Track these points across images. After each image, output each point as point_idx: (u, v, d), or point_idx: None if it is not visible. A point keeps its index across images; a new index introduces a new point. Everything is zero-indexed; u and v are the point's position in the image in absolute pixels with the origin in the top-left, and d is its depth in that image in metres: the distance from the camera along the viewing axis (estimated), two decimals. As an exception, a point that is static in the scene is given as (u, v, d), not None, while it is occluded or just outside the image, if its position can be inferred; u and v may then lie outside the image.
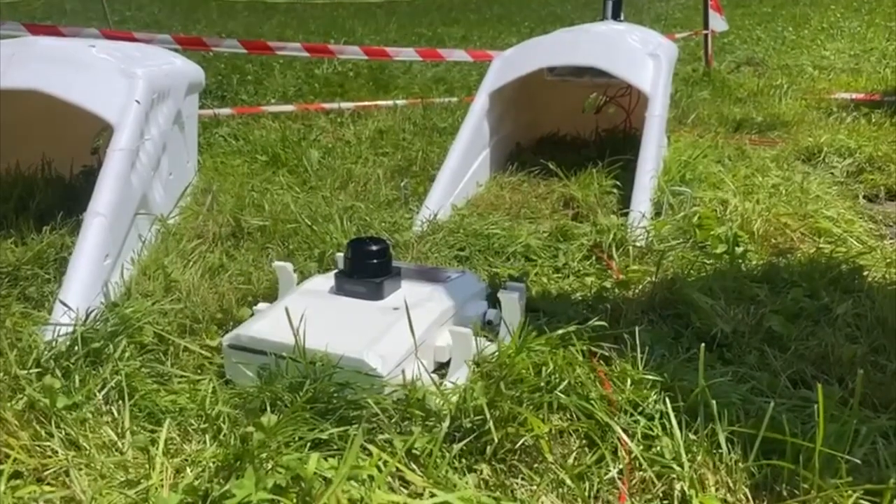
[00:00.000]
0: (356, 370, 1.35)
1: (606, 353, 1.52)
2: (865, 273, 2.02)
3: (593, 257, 2.21)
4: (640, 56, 3.13)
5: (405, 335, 1.45)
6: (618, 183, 2.86)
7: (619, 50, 3.19)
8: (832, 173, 3.26)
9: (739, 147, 3.54)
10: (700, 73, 6.00)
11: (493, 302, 1.73)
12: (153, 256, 2.06)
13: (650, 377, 1.40)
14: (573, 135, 3.77)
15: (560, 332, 1.51)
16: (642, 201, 2.46)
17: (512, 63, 3.23)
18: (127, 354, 1.45)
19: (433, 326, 1.56)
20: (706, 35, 6.02)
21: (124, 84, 2.35)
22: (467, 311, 1.68)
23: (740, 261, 2.06)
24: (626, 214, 2.47)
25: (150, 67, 2.60)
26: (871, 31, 10.20)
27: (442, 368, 1.55)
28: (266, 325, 1.51)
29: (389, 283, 1.66)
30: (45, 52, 2.44)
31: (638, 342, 1.50)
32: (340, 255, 1.76)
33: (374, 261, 1.66)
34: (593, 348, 1.53)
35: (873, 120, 4.22)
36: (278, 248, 2.14)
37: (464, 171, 2.97)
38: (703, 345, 1.33)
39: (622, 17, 4.28)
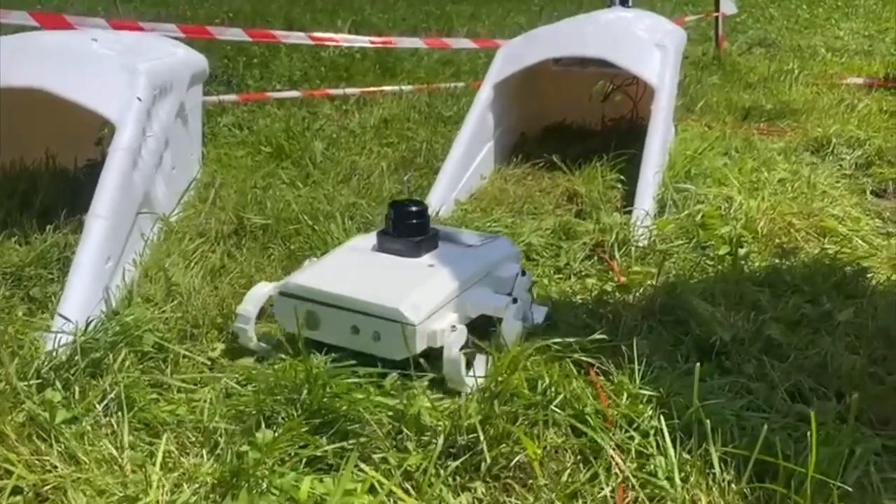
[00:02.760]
0: (391, 318, 1.51)
1: (604, 366, 1.52)
2: (869, 275, 2.01)
3: (595, 257, 2.20)
4: (646, 47, 3.09)
5: (438, 289, 1.60)
6: (622, 178, 2.84)
7: (625, 40, 3.16)
8: (840, 165, 3.23)
9: (747, 138, 3.50)
10: (710, 57, 5.93)
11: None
12: (155, 257, 2.07)
13: (646, 392, 1.41)
14: (579, 124, 3.74)
15: (558, 342, 1.52)
16: (646, 199, 2.45)
17: (517, 53, 3.20)
18: (127, 364, 1.47)
19: (465, 284, 1.68)
20: (717, 17, 5.94)
21: (125, 80, 2.34)
22: (499, 272, 1.78)
23: (743, 262, 2.05)
24: (630, 211, 2.45)
25: (153, 61, 2.59)
26: (887, 9, 10.04)
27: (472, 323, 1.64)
28: (312, 276, 1.66)
29: (426, 243, 1.78)
30: (46, 47, 2.44)
31: (635, 354, 1.50)
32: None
33: (413, 221, 1.78)
34: (590, 360, 1.53)
35: (885, 108, 4.18)
36: (280, 247, 2.14)
37: (467, 164, 2.95)
38: (698, 364, 1.33)
39: (630, 3, 4.23)
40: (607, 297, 1.92)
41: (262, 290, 1.68)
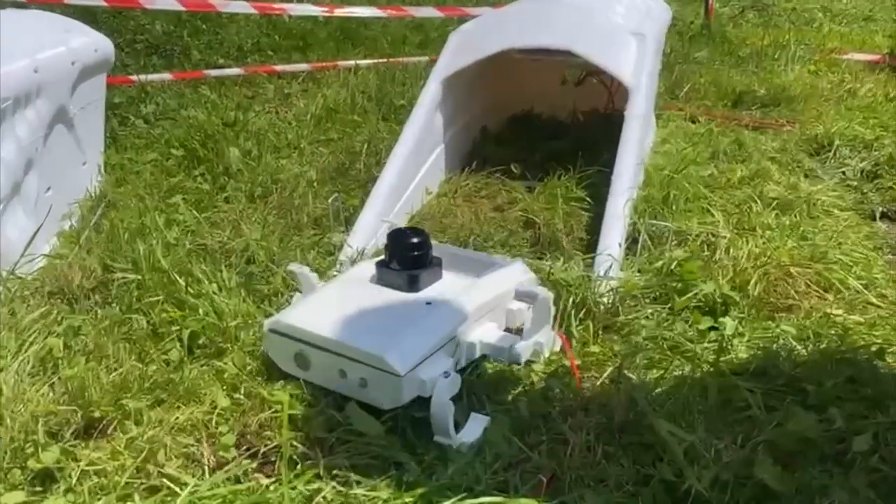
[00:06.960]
0: (377, 367, 1.40)
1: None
2: (890, 359, 1.59)
3: (547, 322, 1.76)
4: (621, 36, 2.61)
5: (432, 331, 1.48)
6: (589, 199, 2.38)
7: (596, 28, 2.66)
8: (844, 173, 2.79)
9: (737, 137, 3.04)
10: (699, 26, 5.41)
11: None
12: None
13: None
14: (549, 114, 3.26)
15: None
16: (612, 239, 1.99)
17: (470, 42, 2.70)
18: None
19: (465, 321, 1.54)
20: (707, -18, 5.41)
21: (-42, 95, 1.86)
22: (510, 305, 1.64)
23: (727, 342, 1.62)
24: (596, 249, 2.00)
25: (11, 64, 2.09)
26: (888, -36, 9.45)
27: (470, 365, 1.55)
28: (302, 314, 1.56)
29: (426, 276, 1.65)
30: None
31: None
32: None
33: (413, 252, 1.64)
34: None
35: (890, 93, 3.71)
36: (143, 318, 1.68)
37: (409, 177, 2.49)
38: None
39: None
40: (555, 395, 1.49)
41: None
